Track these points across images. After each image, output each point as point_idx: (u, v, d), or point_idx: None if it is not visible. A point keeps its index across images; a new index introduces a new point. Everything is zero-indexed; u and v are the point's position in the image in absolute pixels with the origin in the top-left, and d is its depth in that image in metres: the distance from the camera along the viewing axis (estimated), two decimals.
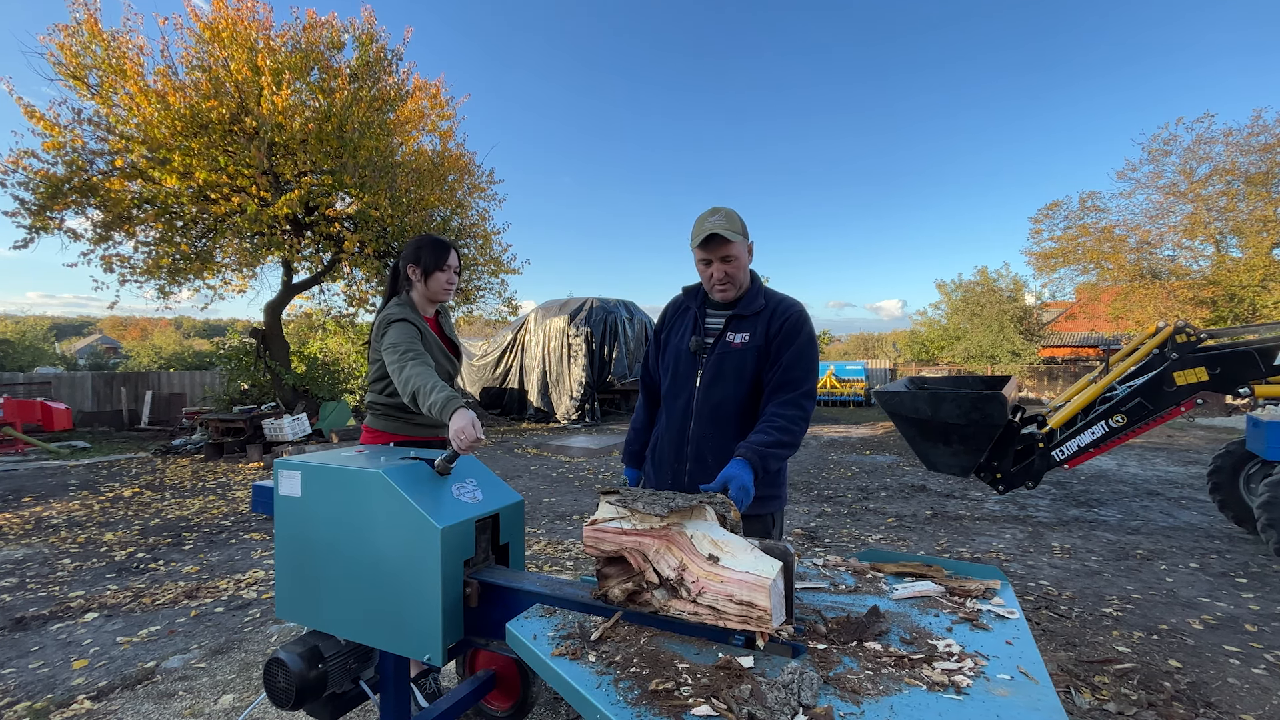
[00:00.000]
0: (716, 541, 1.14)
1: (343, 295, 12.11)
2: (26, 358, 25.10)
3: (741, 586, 1.04)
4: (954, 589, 1.35)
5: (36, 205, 8.71)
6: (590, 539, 1.23)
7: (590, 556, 4.28)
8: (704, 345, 1.86)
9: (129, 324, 56.70)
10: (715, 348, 1.85)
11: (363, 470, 1.52)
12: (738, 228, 1.77)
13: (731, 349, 1.83)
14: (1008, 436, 4.47)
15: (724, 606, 1.05)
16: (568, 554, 4.43)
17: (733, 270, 1.80)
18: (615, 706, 0.93)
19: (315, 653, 1.63)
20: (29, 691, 2.58)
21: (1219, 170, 15.01)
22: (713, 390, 1.83)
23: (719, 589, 1.06)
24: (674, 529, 1.17)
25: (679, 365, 1.91)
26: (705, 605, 1.08)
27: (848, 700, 0.93)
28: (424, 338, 2.13)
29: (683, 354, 1.90)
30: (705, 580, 1.08)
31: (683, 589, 1.11)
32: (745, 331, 1.83)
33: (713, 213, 1.79)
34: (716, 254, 1.78)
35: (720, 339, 1.85)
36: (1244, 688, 2.57)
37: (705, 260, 1.81)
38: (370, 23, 10.11)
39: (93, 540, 4.93)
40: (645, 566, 1.17)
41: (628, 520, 1.22)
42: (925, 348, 26.02)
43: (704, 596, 1.08)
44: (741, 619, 1.04)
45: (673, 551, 1.14)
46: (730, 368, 1.82)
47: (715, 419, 1.83)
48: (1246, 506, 4.70)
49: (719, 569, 1.08)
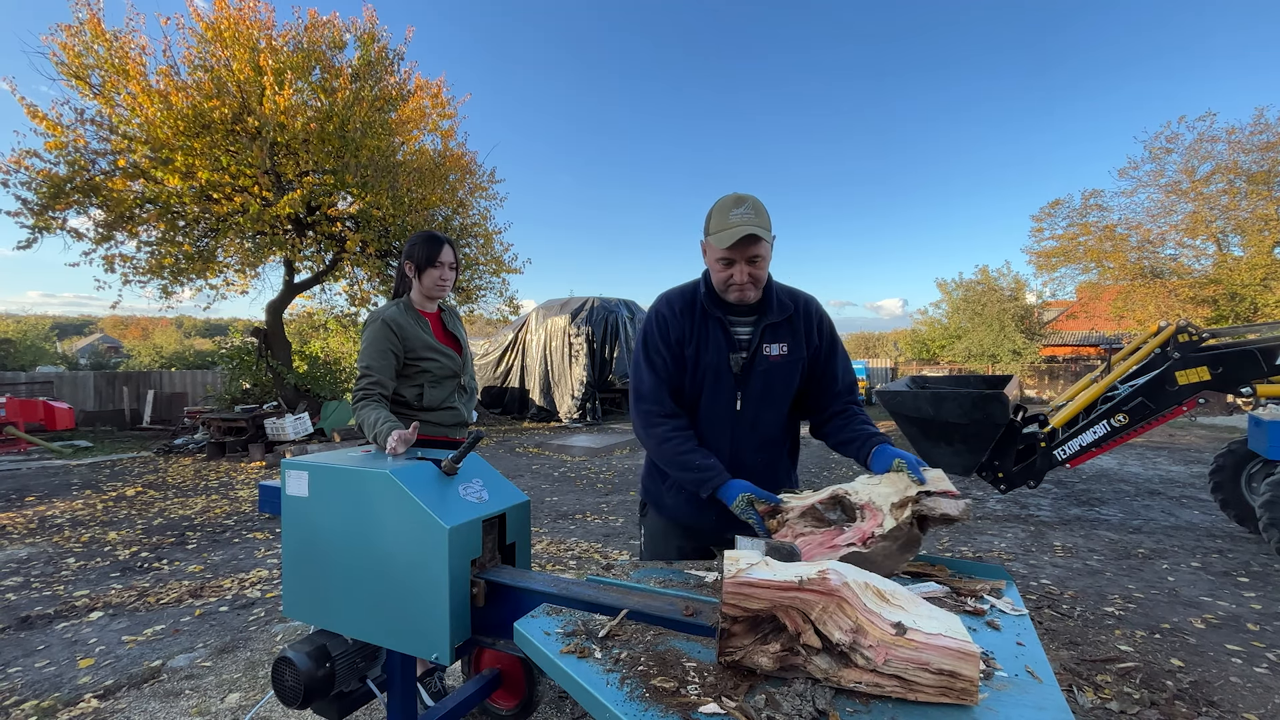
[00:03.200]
0: (884, 593, 0.95)
1: (344, 295, 12.15)
2: (28, 357, 25.13)
3: (943, 654, 0.87)
4: (959, 588, 1.36)
5: (39, 205, 8.72)
6: (733, 596, 0.95)
7: (587, 555, 4.28)
8: (742, 361, 1.65)
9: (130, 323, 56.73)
10: (754, 364, 1.65)
11: (370, 470, 1.53)
12: (767, 222, 1.54)
13: (773, 364, 1.65)
14: (1009, 436, 4.48)
15: (915, 676, 0.88)
16: (570, 553, 4.44)
17: (759, 272, 1.57)
18: (623, 704, 0.94)
19: (323, 652, 1.65)
20: (36, 690, 2.59)
21: (1221, 169, 15.00)
22: (760, 409, 1.67)
23: (909, 656, 0.89)
24: (838, 580, 0.94)
25: (720, 386, 1.66)
26: (890, 675, 0.90)
27: (853, 699, 0.94)
28: (397, 337, 2.15)
29: (723, 372, 1.65)
30: (891, 648, 0.90)
31: (858, 655, 0.91)
32: (781, 341, 1.66)
33: (738, 203, 1.53)
34: (745, 254, 1.54)
35: (756, 352, 1.65)
36: (1246, 686, 2.57)
37: (728, 260, 1.56)
38: (372, 22, 10.12)
39: (96, 539, 4.95)
40: (805, 628, 0.95)
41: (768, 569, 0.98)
42: (926, 347, 26.01)
43: (890, 665, 0.90)
44: (940, 690, 0.88)
45: (845, 611, 0.93)
46: (775, 385, 1.66)
47: (763, 443, 1.69)
48: (1248, 506, 4.70)
49: (910, 635, 0.90)
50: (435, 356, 2.25)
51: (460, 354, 2.39)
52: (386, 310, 2.21)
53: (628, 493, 6.72)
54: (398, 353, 2.16)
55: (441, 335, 2.35)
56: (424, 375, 2.24)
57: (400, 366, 2.19)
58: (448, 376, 2.32)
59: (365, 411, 1.99)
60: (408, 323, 2.20)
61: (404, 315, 2.21)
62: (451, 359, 2.32)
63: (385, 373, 2.12)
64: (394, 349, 2.15)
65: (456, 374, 2.35)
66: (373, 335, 2.14)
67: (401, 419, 2.23)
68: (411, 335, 2.19)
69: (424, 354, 2.22)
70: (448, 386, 2.33)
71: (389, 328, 2.14)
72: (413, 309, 2.27)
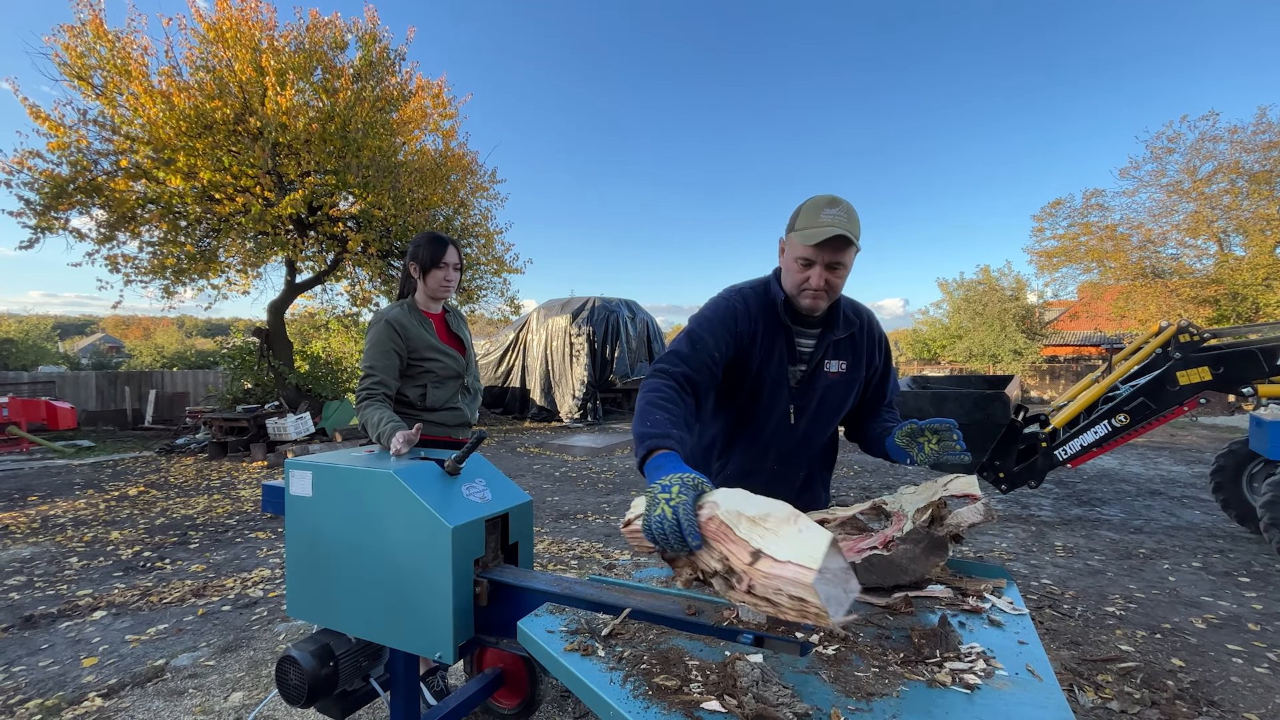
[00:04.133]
0: (754, 519, 0.96)
1: (346, 295, 12.17)
2: (30, 357, 25.17)
3: (787, 582, 0.88)
4: (960, 588, 1.37)
5: (41, 205, 8.75)
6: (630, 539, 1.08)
7: (589, 555, 4.29)
8: (801, 375, 1.61)
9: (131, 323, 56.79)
10: (814, 379, 1.61)
11: (374, 470, 1.54)
12: (857, 229, 1.46)
13: (831, 381, 1.62)
14: (1010, 436, 4.48)
15: (778, 599, 0.90)
16: (571, 553, 4.45)
17: (836, 280, 1.50)
18: (626, 702, 0.95)
19: (327, 651, 1.65)
20: (40, 689, 2.60)
21: (1223, 168, 14.96)
22: (812, 426, 1.64)
23: (766, 582, 0.91)
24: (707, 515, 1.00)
25: (777, 399, 1.61)
26: (760, 598, 0.93)
27: (856, 698, 0.95)
28: (400, 337, 2.17)
29: (782, 385, 1.60)
30: (750, 574, 0.93)
31: (734, 580, 0.96)
32: (842, 358, 1.62)
33: (832, 204, 1.44)
34: (829, 258, 1.45)
35: (817, 367, 1.61)
36: (1247, 686, 2.58)
37: (808, 261, 1.47)
38: (373, 22, 10.13)
39: (99, 539, 4.96)
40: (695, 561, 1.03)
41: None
42: (927, 347, 26.00)
43: (756, 589, 0.93)
44: (798, 613, 0.89)
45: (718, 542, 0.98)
46: (831, 401, 1.63)
47: (808, 456, 1.69)
48: (1249, 506, 4.70)
49: (761, 564, 0.91)
50: (439, 357, 2.26)
51: (464, 355, 2.40)
52: (390, 311, 2.22)
53: (629, 492, 6.72)
54: (401, 353, 2.18)
55: (445, 336, 2.36)
56: (427, 375, 2.26)
57: (404, 367, 2.21)
58: (451, 377, 2.32)
59: (368, 411, 2.01)
60: (411, 323, 2.21)
61: (408, 316, 2.22)
62: (455, 359, 2.33)
63: (389, 373, 2.13)
64: (397, 349, 2.16)
65: (460, 374, 2.36)
66: (376, 335, 2.16)
67: (405, 419, 2.24)
68: (415, 336, 2.20)
69: (427, 354, 2.23)
70: (451, 387, 2.34)
71: (392, 328, 2.16)
72: (417, 310, 2.28)
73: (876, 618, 1.23)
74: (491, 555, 1.63)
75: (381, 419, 1.93)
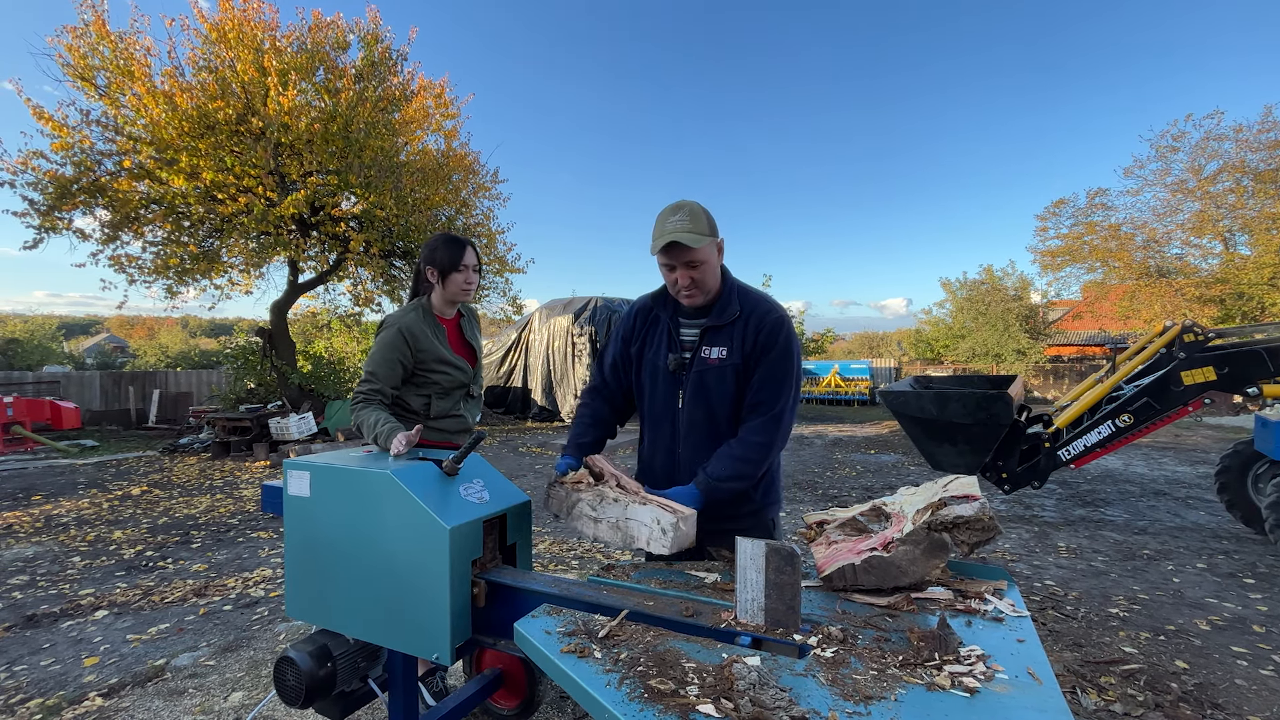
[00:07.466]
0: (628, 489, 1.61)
1: (348, 295, 12.19)
2: (35, 356, 25.29)
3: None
4: (960, 590, 1.36)
5: (45, 206, 8.79)
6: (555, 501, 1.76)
7: (590, 555, 4.29)
8: (683, 362, 1.74)
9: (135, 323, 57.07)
10: (693, 364, 1.73)
11: (372, 471, 1.54)
12: (703, 228, 1.60)
13: (709, 366, 1.72)
14: (1014, 436, 4.46)
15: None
16: (572, 553, 4.44)
17: (699, 275, 1.65)
18: (622, 705, 0.94)
19: (325, 651, 1.65)
20: (41, 688, 2.61)
21: (1228, 167, 14.88)
22: (696, 410, 1.74)
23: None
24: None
25: (658, 385, 1.80)
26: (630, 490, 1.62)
27: (854, 701, 0.94)
28: (410, 348, 2.11)
29: (660, 371, 1.78)
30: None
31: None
32: (721, 345, 1.71)
33: (674, 211, 1.62)
34: (680, 260, 1.62)
35: (696, 354, 1.73)
36: (1251, 689, 2.56)
37: (668, 266, 1.66)
38: (375, 23, 10.16)
39: (102, 538, 4.98)
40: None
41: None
42: (930, 346, 25.94)
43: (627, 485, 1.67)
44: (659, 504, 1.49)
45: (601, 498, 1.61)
46: (711, 386, 1.72)
47: (704, 440, 1.74)
48: (1254, 506, 4.67)
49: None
50: (447, 370, 2.20)
51: (473, 364, 2.34)
52: (405, 318, 2.14)
53: None
54: (407, 363, 2.12)
55: (457, 345, 2.30)
56: (433, 386, 2.21)
57: (408, 375, 2.16)
58: (457, 387, 2.27)
59: (365, 413, 1.98)
60: (424, 333, 2.14)
61: (421, 325, 2.15)
62: (463, 371, 2.26)
63: (389, 381, 2.09)
64: (403, 359, 2.11)
65: (466, 385, 2.31)
66: (384, 343, 2.09)
67: (406, 424, 2.22)
68: (426, 348, 2.14)
69: (435, 367, 2.17)
70: (455, 397, 2.29)
71: (403, 338, 2.09)
72: (431, 315, 2.20)
73: (876, 619, 1.22)
74: (489, 556, 1.62)
75: (379, 420, 1.91)
